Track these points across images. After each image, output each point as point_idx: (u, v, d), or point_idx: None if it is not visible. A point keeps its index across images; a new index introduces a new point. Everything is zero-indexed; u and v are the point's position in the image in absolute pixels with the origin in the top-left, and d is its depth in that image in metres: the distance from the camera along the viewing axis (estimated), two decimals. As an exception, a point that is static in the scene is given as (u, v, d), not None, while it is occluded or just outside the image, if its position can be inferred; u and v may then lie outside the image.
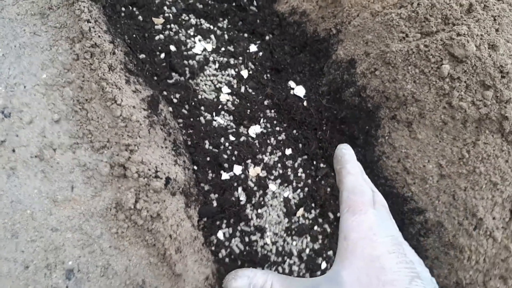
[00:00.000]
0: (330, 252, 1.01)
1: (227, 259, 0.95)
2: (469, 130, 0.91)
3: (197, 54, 1.06)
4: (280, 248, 0.99)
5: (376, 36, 0.97)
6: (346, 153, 0.48)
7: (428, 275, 0.36)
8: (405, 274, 0.35)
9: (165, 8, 1.05)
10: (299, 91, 1.10)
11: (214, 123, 1.04)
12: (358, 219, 0.39)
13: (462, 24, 0.90)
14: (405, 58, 0.92)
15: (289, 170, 1.06)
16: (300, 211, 1.03)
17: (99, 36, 0.88)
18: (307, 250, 1.01)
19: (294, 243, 1.00)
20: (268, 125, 1.08)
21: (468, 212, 0.93)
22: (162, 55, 1.01)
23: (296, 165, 1.07)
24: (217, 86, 1.07)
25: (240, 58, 1.10)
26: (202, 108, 1.03)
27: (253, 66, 1.11)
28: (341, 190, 0.43)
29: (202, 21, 1.11)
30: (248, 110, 1.07)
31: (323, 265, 1.00)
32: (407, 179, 0.99)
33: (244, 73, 1.10)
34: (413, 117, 0.96)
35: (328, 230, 1.02)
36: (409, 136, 0.98)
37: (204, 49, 1.07)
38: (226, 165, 1.00)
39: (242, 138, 1.04)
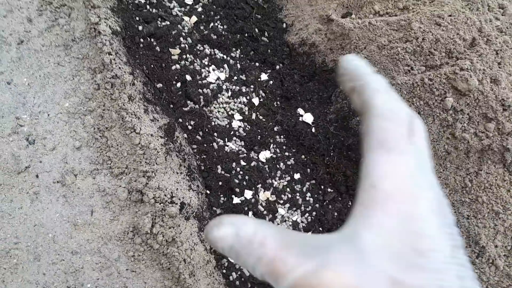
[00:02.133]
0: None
1: (237, 282, 0.98)
2: (472, 160, 0.95)
3: (211, 83, 1.10)
4: (288, 271, 1.02)
5: (382, 68, 1.02)
6: (360, 64, 0.34)
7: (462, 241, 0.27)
8: (447, 243, 0.26)
9: (181, 39, 1.10)
10: (308, 118, 1.14)
11: (226, 148, 1.08)
12: (394, 161, 0.27)
13: (465, 59, 0.94)
14: (410, 90, 0.97)
15: (298, 194, 1.09)
16: (308, 235, 1.06)
17: (119, 68, 0.93)
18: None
19: (302, 266, 1.03)
20: (278, 150, 1.12)
21: (471, 240, 0.96)
22: (178, 84, 1.06)
23: (304, 189, 1.10)
24: (230, 113, 1.11)
25: (252, 86, 1.15)
26: (215, 134, 1.08)
27: (263, 94, 1.16)
28: (367, 116, 0.30)
29: (216, 51, 1.16)
30: (259, 136, 1.11)
31: None
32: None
33: (255, 101, 1.14)
34: (418, 146, 0.99)
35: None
36: (414, 164, 1.01)
37: (218, 78, 1.12)
38: (237, 189, 1.04)
39: (253, 163, 1.08)
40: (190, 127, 1.05)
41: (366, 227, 0.26)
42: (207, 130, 1.07)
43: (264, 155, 1.11)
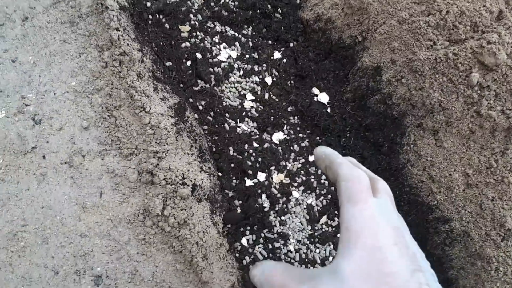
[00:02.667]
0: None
1: (251, 266, 0.95)
2: (498, 139, 0.90)
3: (222, 62, 1.06)
4: (303, 256, 0.99)
5: (403, 44, 0.97)
6: (328, 151, 0.46)
7: (429, 268, 0.35)
8: (407, 267, 0.33)
9: (191, 15, 1.06)
10: (323, 97, 1.10)
11: (238, 129, 1.04)
12: (359, 209, 0.37)
13: (492, 32, 0.89)
14: (432, 66, 0.92)
15: (312, 177, 1.05)
16: (324, 219, 1.02)
17: (128, 44, 0.89)
18: (330, 258, 1.00)
19: (318, 250, 1.00)
20: (292, 131, 1.08)
21: (496, 223, 0.91)
22: (188, 63, 1.02)
23: (319, 171, 1.06)
24: (242, 93, 1.07)
25: (264, 65, 1.11)
26: (227, 115, 1.04)
27: (277, 73, 1.11)
28: (337, 182, 0.40)
29: (227, 28, 1.11)
30: (272, 117, 1.07)
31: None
32: (433, 188, 0.98)
33: (268, 80, 1.10)
34: (439, 125, 0.95)
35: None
36: (435, 145, 0.97)
37: (229, 56, 1.07)
38: (250, 171, 1.00)
39: (266, 145, 1.04)
40: (201, 107, 1.01)
41: (345, 259, 0.35)
42: (218, 110, 1.03)
43: (278, 136, 1.07)
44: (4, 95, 0.89)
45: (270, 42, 1.15)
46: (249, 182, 1.00)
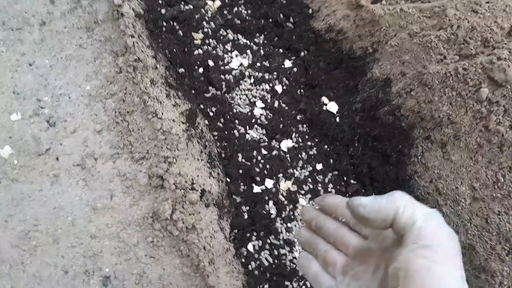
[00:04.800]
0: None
1: (256, 272, 0.96)
2: (506, 154, 0.90)
3: (233, 69, 1.08)
4: (308, 263, 1.00)
5: (413, 57, 0.98)
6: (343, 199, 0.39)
7: None
8: None
9: (204, 23, 1.08)
10: (332, 107, 1.11)
11: (248, 136, 1.05)
12: (425, 211, 0.31)
13: (503, 48, 0.89)
14: (442, 80, 0.92)
15: (320, 185, 1.07)
16: (330, 227, 1.03)
17: (142, 51, 0.91)
18: (336, 266, 1.01)
19: (323, 258, 1.01)
20: (300, 139, 1.10)
21: (501, 237, 0.92)
22: (201, 70, 1.04)
23: (326, 180, 1.08)
24: (252, 100, 1.09)
25: (275, 73, 1.12)
26: (237, 121, 1.05)
27: (287, 82, 1.13)
28: (408, 227, 0.32)
29: (239, 36, 1.13)
30: (281, 125, 1.08)
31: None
32: (439, 200, 0.99)
33: (278, 88, 1.11)
34: (447, 138, 0.95)
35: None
36: (443, 157, 0.97)
37: (241, 64, 1.09)
38: (258, 178, 1.01)
39: (274, 152, 1.05)
40: (211, 114, 1.03)
41: None
42: (228, 117, 1.05)
43: (286, 144, 1.08)
44: (21, 98, 0.91)
45: (281, 51, 1.17)
46: (256, 189, 1.01)
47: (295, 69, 1.14)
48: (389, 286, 0.31)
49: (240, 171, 1.02)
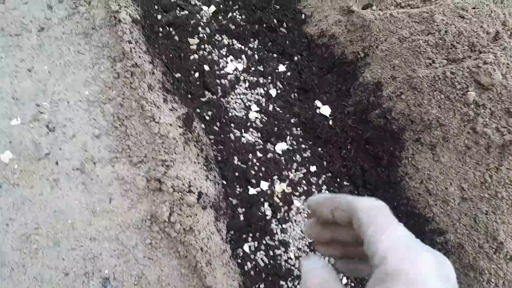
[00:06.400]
0: (352, 269, 1.04)
1: (252, 272, 0.99)
2: (493, 155, 0.94)
3: (228, 74, 1.10)
4: (303, 263, 1.02)
5: (403, 61, 1.01)
6: (327, 195, 0.40)
7: None
8: None
9: (200, 28, 1.10)
10: (325, 110, 1.14)
11: (243, 139, 1.08)
12: (392, 236, 0.32)
13: (488, 52, 0.92)
14: (431, 84, 0.95)
15: (314, 186, 1.09)
16: (324, 227, 1.06)
17: (139, 57, 0.93)
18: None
19: (317, 258, 1.03)
20: (294, 142, 1.12)
21: (489, 236, 0.95)
22: (197, 74, 1.06)
23: (320, 182, 1.10)
24: (247, 104, 1.11)
25: (269, 77, 1.15)
26: (232, 125, 1.07)
27: (281, 86, 1.15)
28: (356, 216, 0.35)
29: (234, 41, 1.15)
30: (276, 128, 1.11)
31: (344, 280, 1.03)
32: (429, 200, 1.02)
33: (273, 92, 1.14)
34: (437, 140, 0.98)
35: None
36: (432, 159, 1.01)
37: (236, 69, 1.11)
38: (253, 180, 1.04)
39: (269, 155, 1.08)
40: (207, 118, 1.05)
41: None
42: (224, 121, 1.07)
43: (281, 147, 1.11)
44: (20, 103, 0.93)
45: (275, 55, 1.19)
46: (252, 191, 1.04)
47: (289, 74, 1.17)
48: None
49: (236, 174, 1.05)
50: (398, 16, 1.04)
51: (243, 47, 1.17)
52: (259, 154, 1.07)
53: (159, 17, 1.05)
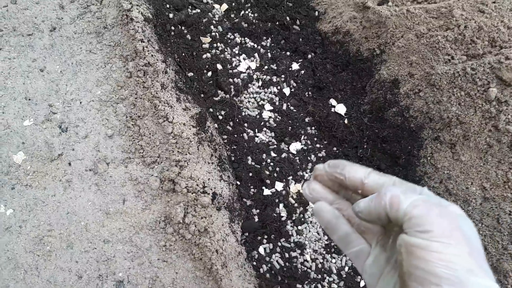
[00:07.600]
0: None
1: (268, 275, 0.97)
2: (516, 153, 0.91)
3: (241, 72, 1.08)
4: (319, 265, 1.00)
5: (420, 58, 0.98)
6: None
7: None
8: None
9: (212, 27, 1.08)
10: (340, 109, 1.11)
11: (257, 139, 1.06)
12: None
13: (510, 47, 0.90)
14: (450, 81, 0.93)
15: (329, 187, 1.07)
16: (340, 229, 1.03)
17: (152, 55, 0.92)
18: (346, 268, 1.01)
19: (334, 260, 1.01)
20: (309, 142, 1.10)
21: (513, 236, 0.92)
22: (209, 73, 1.04)
23: (335, 182, 1.08)
24: (260, 103, 1.09)
25: (283, 76, 1.13)
26: (246, 124, 1.06)
27: (295, 84, 1.13)
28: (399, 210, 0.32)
29: (247, 39, 1.14)
30: (290, 127, 1.09)
31: (362, 283, 1.01)
32: (449, 200, 0.99)
33: (286, 91, 1.12)
34: (457, 139, 0.96)
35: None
36: (452, 158, 0.98)
37: (248, 67, 1.10)
38: (268, 181, 1.02)
39: (283, 155, 1.06)
40: (220, 117, 1.03)
41: None
42: (237, 120, 1.05)
43: (295, 146, 1.08)
44: (33, 103, 0.92)
45: (288, 53, 1.17)
46: (266, 191, 1.02)
47: (302, 72, 1.15)
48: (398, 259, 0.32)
49: (250, 174, 1.03)
50: (415, 11, 1.02)
51: (255, 45, 1.15)
52: (273, 154, 1.05)
53: (171, 15, 1.04)
